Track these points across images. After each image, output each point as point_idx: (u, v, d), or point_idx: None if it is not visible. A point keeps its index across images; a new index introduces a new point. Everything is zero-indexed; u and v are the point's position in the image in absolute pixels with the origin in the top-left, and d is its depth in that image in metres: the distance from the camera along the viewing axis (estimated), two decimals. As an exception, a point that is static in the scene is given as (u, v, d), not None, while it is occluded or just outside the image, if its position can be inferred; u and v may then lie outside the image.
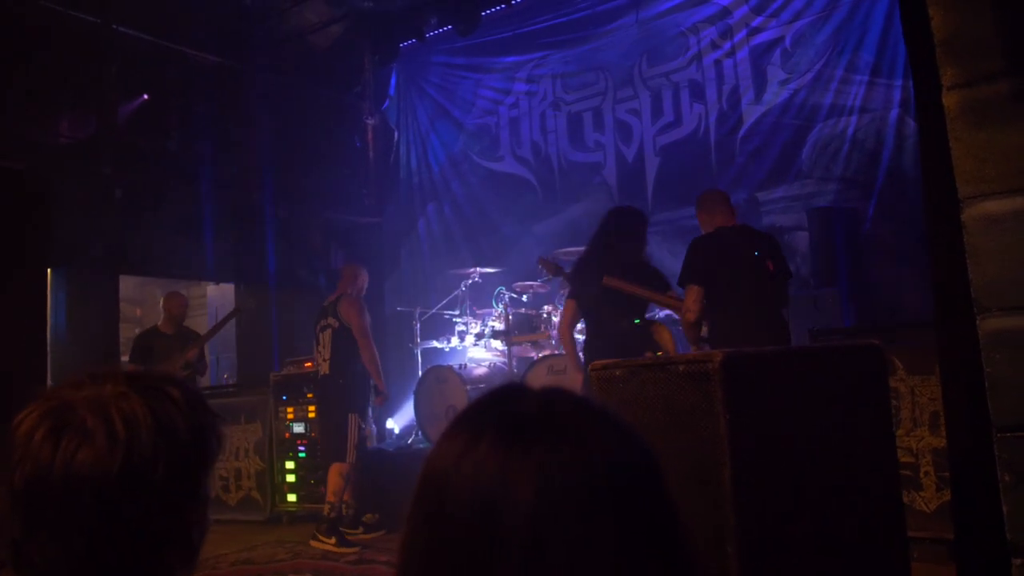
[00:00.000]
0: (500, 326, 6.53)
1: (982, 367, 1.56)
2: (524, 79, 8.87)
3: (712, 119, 7.57)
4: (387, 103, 9.50)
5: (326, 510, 5.26)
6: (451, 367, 6.62)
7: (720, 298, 4.02)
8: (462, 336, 6.94)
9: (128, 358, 6.40)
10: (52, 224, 4.20)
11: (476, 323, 6.88)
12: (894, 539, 2.05)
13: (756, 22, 7.35)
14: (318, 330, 5.65)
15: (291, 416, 6.37)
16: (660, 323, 4.81)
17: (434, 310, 7.37)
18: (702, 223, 4.30)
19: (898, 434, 3.84)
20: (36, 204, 3.75)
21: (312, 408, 6.20)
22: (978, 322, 1.57)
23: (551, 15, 8.37)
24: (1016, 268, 1.54)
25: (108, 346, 6.86)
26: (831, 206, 6.55)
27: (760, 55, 7.32)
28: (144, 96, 7.36)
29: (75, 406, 0.90)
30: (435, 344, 7.18)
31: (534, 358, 6.39)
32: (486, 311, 6.92)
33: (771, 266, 4.00)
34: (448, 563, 0.67)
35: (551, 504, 0.65)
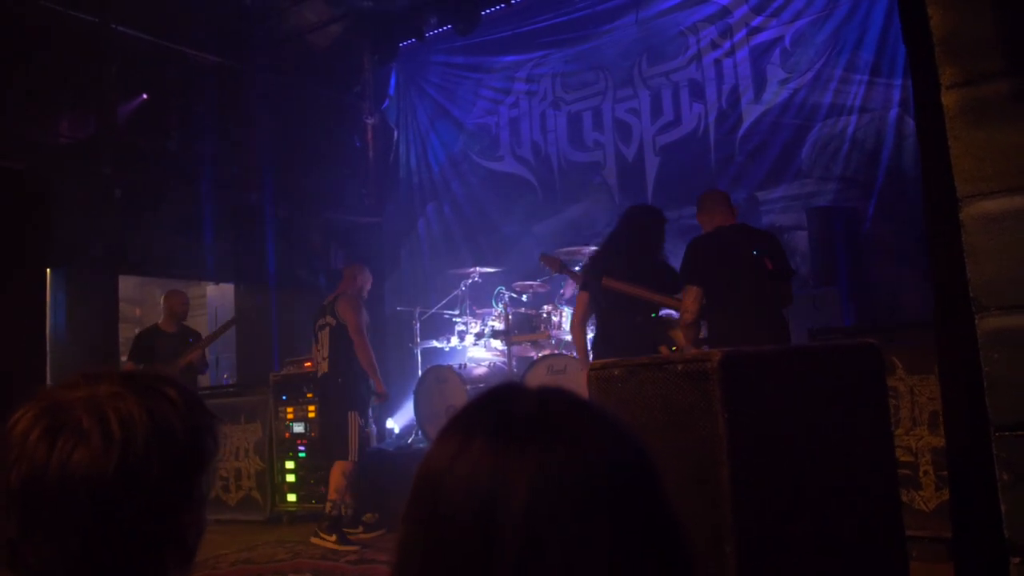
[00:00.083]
0: (500, 326, 6.52)
1: (981, 366, 1.56)
2: (524, 79, 8.87)
3: (712, 119, 7.57)
4: (387, 103, 9.50)
5: (328, 508, 5.27)
6: (451, 367, 6.62)
7: (719, 298, 4.01)
8: (462, 336, 6.94)
9: (127, 357, 6.37)
10: (52, 224, 4.20)
11: (476, 323, 6.88)
12: (892, 538, 2.05)
13: (756, 21, 7.35)
14: (316, 329, 5.66)
15: (291, 416, 6.38)
16: (675, 319, 4.82)
17: (434, 310, 7.37)
18: (702, 223, 4.30)
19: (897, 433, 3.84)
20: (36, 204, 3.75)
21: (312, 408, 6.21)
22: (977, 321, 1.57)
23: (551, 14, 8.36)
24: (1015, 267, 1.54)
25: (108, 346, 6.86)
26: (831, 205, 6.55)
27: (760, 54, 7.31)
28: (143, 96, 7.36)
29: (70, 406, 0.90)
30: (435, 344, 7.18)
31: (534, 358, 6.38)
32: (486, 311, 6.92)
33: (770, 265, 4.00)
34: (443, 563, 0.67)
35: (547, 504, 0.65)
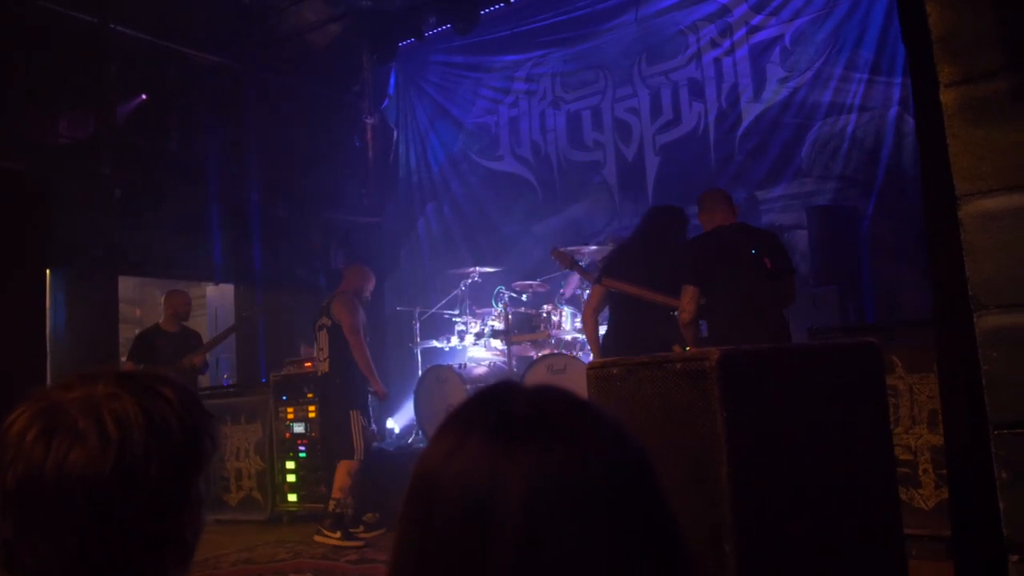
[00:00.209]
0: (500, 325, 6.52)
1: (979, 364, 1.56)
2: (523, 78, 8.86)
3: (711, 118, 7.56)
4: (386, 102, 9.49)
5: (331, 506, 5.27)
6: (451, 367, 6.62)
7: (718, 297, 4.01)
8: (462, 336, 6.93)
9: (127, 357, 6.37)
10: (52, 224, 4.20)
11: (476, 323, 6.88)
12: (892, 537, 2.05)
13: (756, 20, 7.34)
14: (316, 329, 5.67)
15: (291, 416, 6.38)
16: None
17: (434, 310, 7.37)
18: (703, 223, 4.30)
19: (897, 432, 3.84)
20: (36, 204, 3.75)
21: (312, 408, 6.21)
22: (976, 320, 1.57)
23: (550, 13, 8.35)
24: (1013, 265, 1.54)
25: (108, 347, 6.86)
26: (830, 204, 6.54)
27: (760, 53, 7.30)
28: (143, 96, 7.36)
29: (67, 407, 0.90)
30: (435, 344, 7.18)
31: (534, 357, 6.38)
32: (486, 311, 6.92)
33: (769, 263, 4.00)
34: (440, 562, 0.67)
35: (546, 503, 0.65)
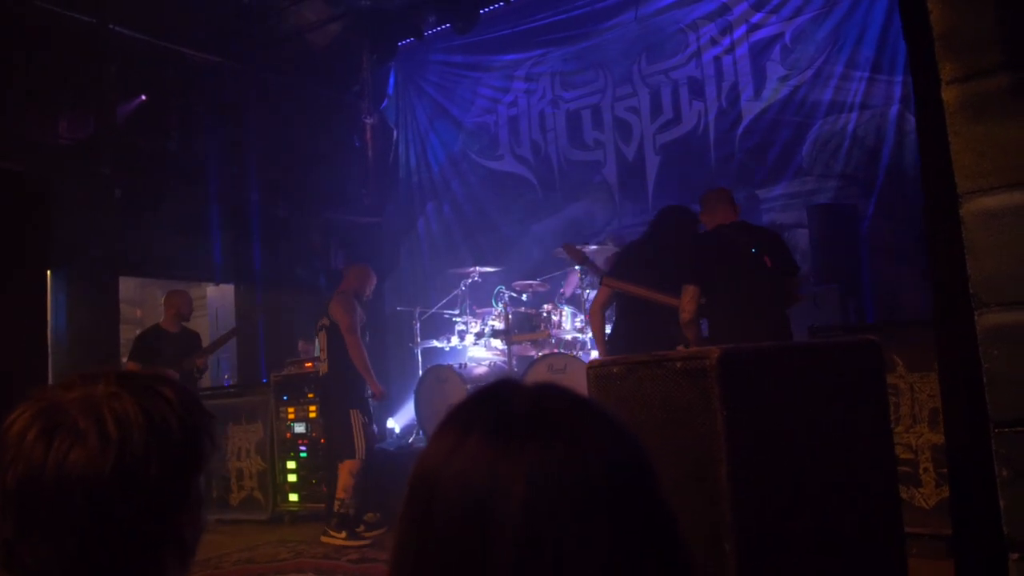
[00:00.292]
0: (500, 325, 6.52)
1: (980, 363, 1.55)
2: (523, 77, 8.85)
3: (711, 116, 7.55)
4: (386, 102, 9.49)
5: (336, 506, 5.29)
6: (451, 366, 6.62)
7: (718, 296, 4.01)
8: (462, 335, 6.93)
9: (128, 358, 6.36)
10: (52, 225, 4.19)
11: (476, 322, 6.88)
12: (892, 535, 2.05)
13: (756, 18, 7.33)
14: (316, 330, 5.69)
15: (292, 416, 6.38)
16: None
17: (434, 309, 7.37)
18: (705, 222, 4.30)
19: (898, 431, 3.83)
20: (36, 205, 3.74)
21: (313, 408, 6.21)
22: (976, 318, 1.57)
23: (550, 12, 8.34)
24: (1014, 264, 1.53)
25: (108, 347, 6.87)
26: (831, 203, 6.53)
27: (760, 52, 7.29)
28: (143, 96, 7.36)
29: (67, 407, 0.90)
30: (435, 343, 7.17)
31: (534, 357, 6.38)
32: (486, 310, 6.91)
33: (769, 262, 3.99)
34: (440, 562, 0.67)
35: (546, 502, 0.65)
